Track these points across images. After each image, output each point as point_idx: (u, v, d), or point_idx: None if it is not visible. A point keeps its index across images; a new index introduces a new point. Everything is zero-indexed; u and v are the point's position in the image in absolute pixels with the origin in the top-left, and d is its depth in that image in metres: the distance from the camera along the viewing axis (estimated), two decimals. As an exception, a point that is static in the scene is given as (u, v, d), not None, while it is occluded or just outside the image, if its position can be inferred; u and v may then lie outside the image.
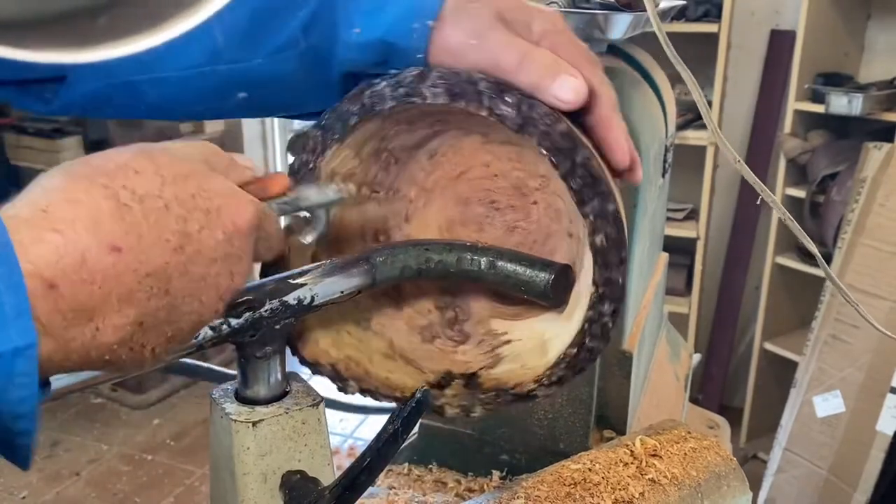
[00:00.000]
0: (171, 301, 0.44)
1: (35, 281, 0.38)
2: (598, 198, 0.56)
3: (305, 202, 0.57)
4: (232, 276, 0.47)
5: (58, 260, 0.39)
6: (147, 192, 0.43)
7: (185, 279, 0.44)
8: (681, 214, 3.14)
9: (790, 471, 2.47)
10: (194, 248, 0.44)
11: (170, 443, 3.12)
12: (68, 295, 0.39)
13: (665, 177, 1.02)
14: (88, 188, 0.41)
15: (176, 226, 0.43)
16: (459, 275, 0.63)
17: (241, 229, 0.47)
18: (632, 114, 0.82)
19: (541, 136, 0.56)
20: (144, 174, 0.43)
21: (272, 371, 0.56)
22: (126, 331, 0.42)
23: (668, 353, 1.19)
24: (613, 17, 0.78)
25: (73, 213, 0.40)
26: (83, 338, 0.40)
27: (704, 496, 0.71)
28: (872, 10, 2.84)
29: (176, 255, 0.43)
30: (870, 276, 2.31)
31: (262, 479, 0.54)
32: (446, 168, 0.68)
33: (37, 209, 0.40)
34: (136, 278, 0.41)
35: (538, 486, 0.68)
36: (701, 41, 2.83)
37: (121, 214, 0.41)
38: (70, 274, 0.39)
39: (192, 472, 2.95)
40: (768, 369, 3.00)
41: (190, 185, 0.45)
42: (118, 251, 0.41)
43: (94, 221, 0.40)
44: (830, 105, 2.56)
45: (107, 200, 0.41)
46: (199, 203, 0.45)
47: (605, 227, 0.56)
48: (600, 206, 0.56)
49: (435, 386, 0.65)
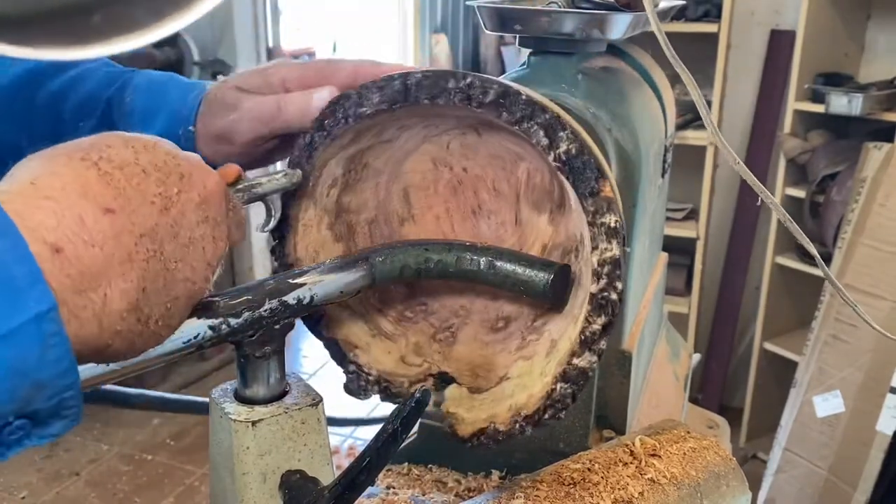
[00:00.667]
0: (165, 265, 0.45)
1: (40, 245, 0.38)
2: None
3: (259, 189, 0.59)
4: (214, 240, 0.49)
5: (57, 223, 0.40)
6: (123, 160, 0.44)
7: (175, 243, 0.45)
8: (680, 214, 3.14)
9: (790, 471, 2.47)
10: (177, 209, 0.46)
11: (170, 443, 3.12)
12: (73, 257, 0.40)
13: (665, 177, 1.02)
14: (68, 162, 0.43)
15: (157, 188, 0.45)
16: (459, 275, 0.63)
17: (214, 192, 0.49)
18: (632, 114, 0.82)
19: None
20: (116, 147, 0.45)
21: (272, 371, 0.56)
22: (132, 296, 0.43)
23: (668, 353, 1.19)
24: (613, 17, 0.78)
25: (61, 182, 0.41)
26: (94, 306, 0.41)
27: (704, 496, 0.71)
28: (872, 10, 2.83)
29: (163, 217, 0.45)
30: (870, 276, 2.31)
31: (261, 478, 0.54)
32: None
33: (24, 184, 0.41)
34: (132, 239, 0.43)
35: (537, 485, 0.68)
36: (701, 41, 2.83)
37: (105, 181, 0.43)
38: (72, 236, 0.40)
39: (192, 472, 2.95)
40: (768, 369, 3.00)
41: (159, 152, 0.47)
42: (112, 212, 0.42)
43: (83, 187, 0.42)
44: (830, 105, 2.56)
45: (89, 170, 0.43)
46: (171, 167, 0.47)
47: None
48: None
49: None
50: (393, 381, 0.67)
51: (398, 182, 0.69)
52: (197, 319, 0.50)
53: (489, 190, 0.69)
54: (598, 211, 0.57)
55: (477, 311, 0.71)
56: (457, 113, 0.61)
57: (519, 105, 0.57)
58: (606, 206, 0.57)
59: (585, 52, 0.84)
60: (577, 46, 0.81)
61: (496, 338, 0.69)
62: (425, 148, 0.68)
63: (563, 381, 0.60)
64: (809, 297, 2.68)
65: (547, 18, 0.78)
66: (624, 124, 0.79)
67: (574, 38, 0.78)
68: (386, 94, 0.60)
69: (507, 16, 0.81)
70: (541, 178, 0.67)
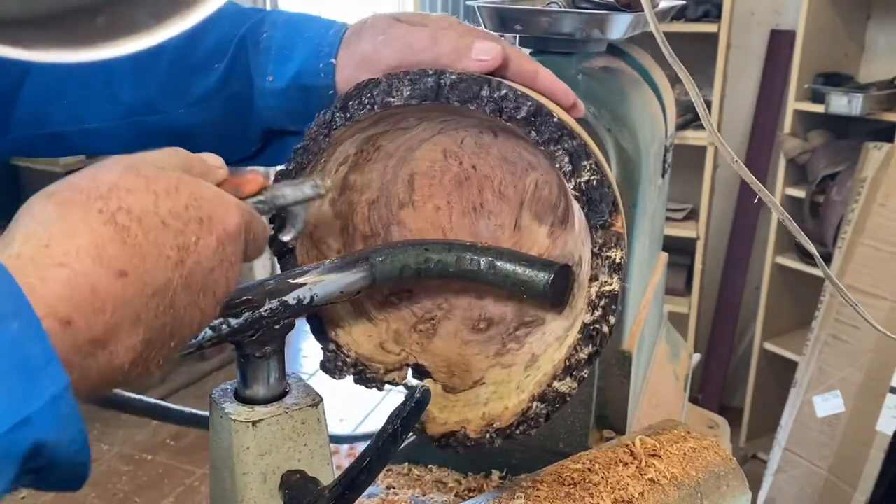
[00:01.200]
0: (174, 314, 0.44)
1: (52, 322, 0.38)
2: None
3: (282, 200, 0.56)
4: (227, 281, 0.48)
5: (70, 294, 0.39)
6: (143, 209, 0.42)
7: (186, 292, 0.44)
8: (680, 214, 3.14)
9: (790, 471, 2.47)
10: (193, 259, 0.44)
11: (170, 443, 3.12)
12: (83, 328, 0.39)
13: (665, 177, 1.02)
14: (85, 216, 0.41)
15: (174, 240, 0.43)
16: (459, 275, 0.63)
17: (232, 234, 0.47)
18: (632, 114, 0.82)
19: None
20: (136, 192, 0.43)
21: (272, 371, 0.56)
22: (136, 350, 0.42)
23: (668, 353, 1.19)
24: (613, 17, 0.78)
25: (76, 244, 0.40)
26: (98, 365, 0.40)
27: (704, 496, 0.71)
28: (872, 10, 2.83)
29: (178, 270, 0.43)
30: (870, 275, 2.31)
31: (261, 478, 0.54)
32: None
33: (38, 246, 0.39)
34: (143, 300, 0.42)
35: (537, 485, 0.68)
36: (701, 41, 2.83)
37: (122, 238, 0.41)
38: (83, 307, 0.39)
39: (192, 472, 2.95)
40: (768, 369, 3.00)
41: (181, 196, 0.45)
42: (125, 276, 0.41)
43: (97, 249, 0.40)
44: (830, 105, 2.56)
45: (106, 226, 0.41)
46: (192, 214, 0.45)
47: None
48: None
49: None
50: (369, 365, 0.67)
51: (406, 166, 0.69)
52: (197, 319, 0.50)
53: (494, 191, 0.69)
54: (605, 244, 0.58)
55: (460, 308, 0.71)
56: (482, 115, 0.60)
57: (549, 127, 0.57)
58: (615, 240, 0.57)
59: (585, 52, 0.84)
60: (577, 46, 0.81)
61: (476, 338, 0.69)
62: (439, 139, 0.68)
63: (539, 402, 0.60)
64: (809, 297, 2.68)
65: (547, 18, 0.78)
66: (624, 124, 0.79)
67: (574, 38, 0.78)
68: (417, 90, 0.59)
69: (507, 16, 0.81)
70: (548, 192, 0.67)
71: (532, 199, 0.68)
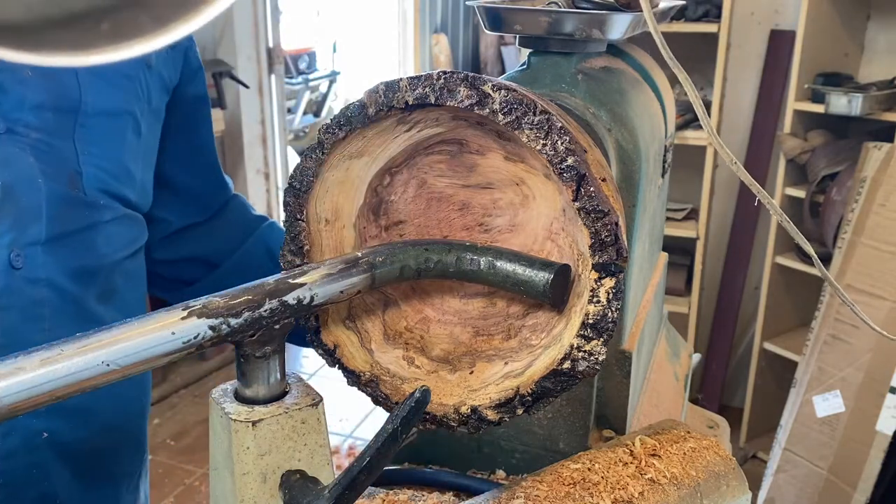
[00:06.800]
0: None
1: None
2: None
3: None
4: None
5: None
6: None
7: None
8: (680, 214, 3.14)
9: (790, 470, 2.47)
10: None
11: (170, 443, 3.12)
12: None
13: (665, 177, 1.02)
14: None
15: None
16: (459, 275, 0.63)
17: None
18: (632, 114, 0.82)
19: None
20: None
21: (272, 371, 0.56)
22: None
23: (668, 353, 1.19)
24: (613, 17, 0.78)
25: None
26: None
27: (704, 496, 0.71)
28: (872, 10, 2.84)
29: None
30: (869, 276, 2.31)
31: (261, 478, 0.54)
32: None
33: None
34: None
35: (537, 485, 0.68)
36: (701, 41, 2.83)
37: None
38: None
39: (192, 472, 2.95)
40: (768, 369, 3.01)
41: None
42: None
43: None
44: (830, 105, 2.56)
45: None
46: None
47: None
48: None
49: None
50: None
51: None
52: (197, 319, 0.50)
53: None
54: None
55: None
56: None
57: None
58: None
59: (585, 52, 0.84)
60: (577, 46, 0.81)
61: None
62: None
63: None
64: (809, 297, 2.68)
65: (547, 18, 0.78)
66: (624, 124, 0.79)
67: (574, 38, 0.78)
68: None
69: (507, 16, 0.81)
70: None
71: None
